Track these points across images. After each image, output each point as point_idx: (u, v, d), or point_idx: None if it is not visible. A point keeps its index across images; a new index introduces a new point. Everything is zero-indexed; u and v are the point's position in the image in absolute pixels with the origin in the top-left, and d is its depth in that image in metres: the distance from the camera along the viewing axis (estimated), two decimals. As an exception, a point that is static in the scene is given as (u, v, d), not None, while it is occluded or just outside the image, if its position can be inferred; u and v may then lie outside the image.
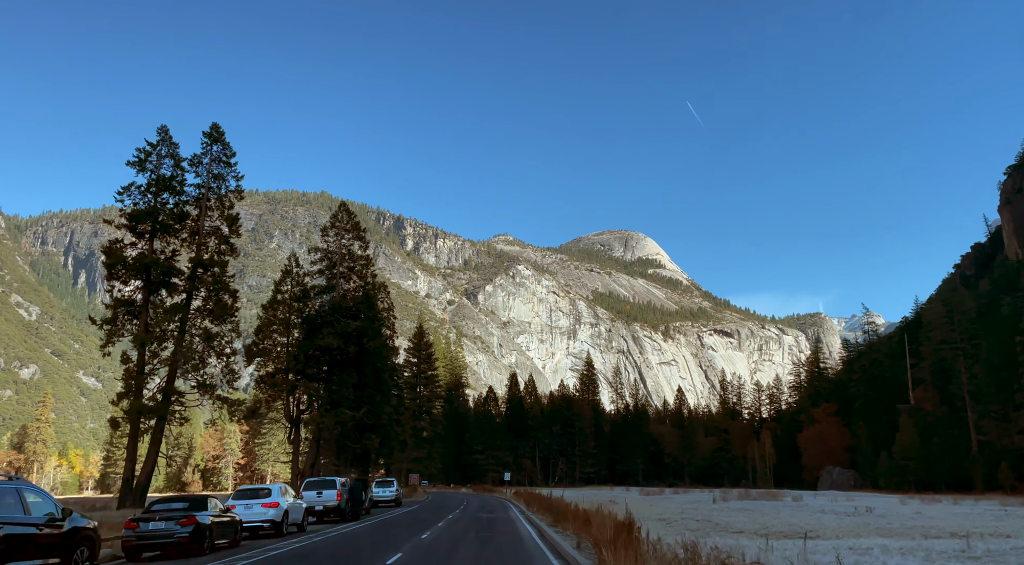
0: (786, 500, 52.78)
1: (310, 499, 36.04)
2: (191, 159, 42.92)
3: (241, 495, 29.76)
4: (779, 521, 27.98)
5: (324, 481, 38.03)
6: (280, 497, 29.49)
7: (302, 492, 36.79)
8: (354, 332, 53.25)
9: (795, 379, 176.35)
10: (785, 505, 45.65)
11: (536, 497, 44.26)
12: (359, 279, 60.27)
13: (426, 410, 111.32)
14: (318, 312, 55.66)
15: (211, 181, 43.08)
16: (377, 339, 55.81)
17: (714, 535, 20.56)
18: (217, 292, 40.62)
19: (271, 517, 28.78)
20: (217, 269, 41.12)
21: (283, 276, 54.89)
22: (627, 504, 32.18)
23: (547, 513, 34.12)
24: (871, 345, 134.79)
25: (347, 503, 37.18)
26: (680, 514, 31.82)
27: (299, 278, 55.47)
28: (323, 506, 36.25)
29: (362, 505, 39.74)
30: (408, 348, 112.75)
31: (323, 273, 60.81)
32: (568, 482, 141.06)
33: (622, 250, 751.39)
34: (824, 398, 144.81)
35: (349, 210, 62.05)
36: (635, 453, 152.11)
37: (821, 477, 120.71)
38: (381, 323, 61.32)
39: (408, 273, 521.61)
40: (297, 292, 53.84)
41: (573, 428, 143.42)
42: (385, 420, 57.79)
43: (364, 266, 62.42)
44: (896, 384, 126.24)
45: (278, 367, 50.14)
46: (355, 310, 54.68)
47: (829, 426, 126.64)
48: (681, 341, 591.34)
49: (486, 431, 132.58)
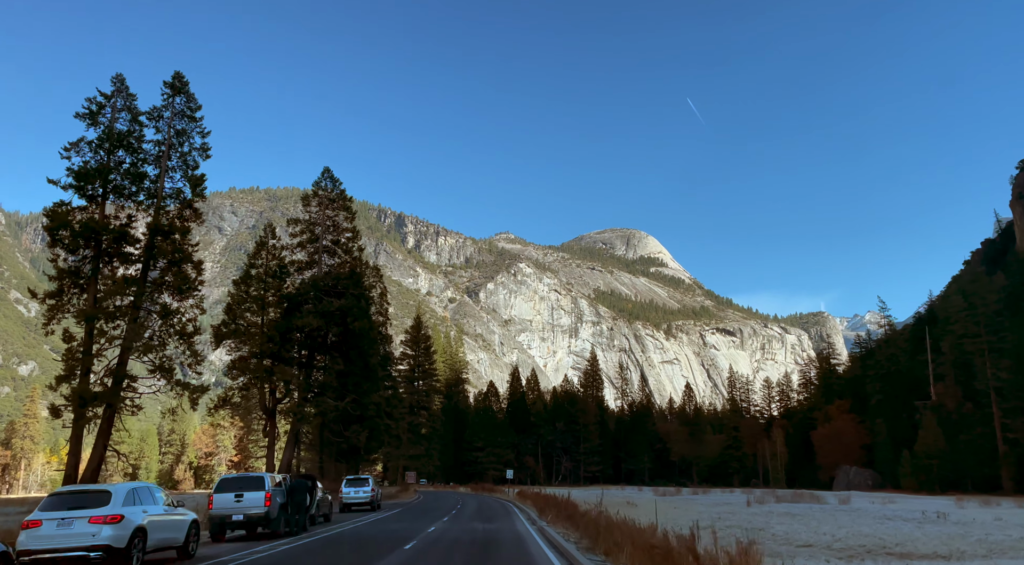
0: (831, 502, 46.93)
1: (223, 505, 26.59)
2: (150, 112, 37.59)
3: (51, 505, 17.85)
4: (848, 531, 22.83)
5: (246, 479, 27.81)
6: (125, 505, 17.86)
7: (213, 494, 27.19)
8: (337, 311, 47.64)
9: (803, 376, 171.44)
10: (834, 509, 40.00)
11: (548, 500, 35.98)
12: (345, 254, 54.19)
13: (424, 405, 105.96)
14: (297, 290, 50.14)
15: (173, 137, 37.68)
16: (363, 320, 49.98)
17: (806, 559, 15.21)
18: (178, 263, 35.27)
19: (103, 541, 16.90)
20: (178, 236, 35.80)
21: (257, 249, 48.89)
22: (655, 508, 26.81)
23: (569, 525, 24.25)
24: (887, 340, 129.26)
25: (282, 510, 27.79)
26: (720, 521, 26.52)
27: (275, 252, 49.64)
28: (244, 515, 26.45)
29: (306, 512, 29.71)
30: (405, 340, 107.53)
31: (304, 247, 54.68)
32: (572, 481, 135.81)
33: (624, 248, 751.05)
34: (838, 395, 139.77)
35: (334, 176, 55.64)
36: (641, 451, 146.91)
37: (837, 477, 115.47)
38: (369, 302, 55.20)
39: (409, 271, 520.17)
40: (273, 266, 48.00)
41: (577, 424, 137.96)
42: (373, 411, 51.90)
43: (350, 239, 56.19)
44: (914, 380, 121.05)
45: (252, 351, 44.64)
46: (339, 287, 49.07)
47: (844, 424, 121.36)
48: (683, 340, 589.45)
49: (487, 427, 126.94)
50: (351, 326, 48.87)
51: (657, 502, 41.83)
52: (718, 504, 45.58)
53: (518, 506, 47.00)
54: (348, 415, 48.97)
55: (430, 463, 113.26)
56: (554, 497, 36.61)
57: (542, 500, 38.14)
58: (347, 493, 43.69)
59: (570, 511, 24.88)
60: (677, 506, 40.84)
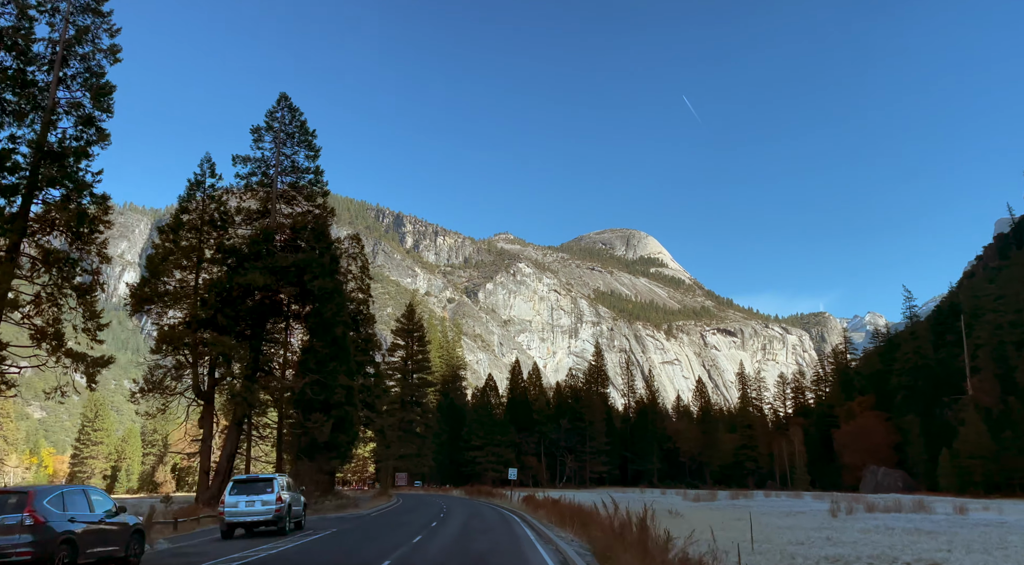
0: (940, 511, 37.48)
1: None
2: (39, 3, 28.96)
3: None
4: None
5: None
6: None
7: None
8: (292, 267, 38.03)
9: (816, 373, 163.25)
10: (962, 521, 30.45)
11: (573, 513, 25.39)
12: (306, 201, 43.78)
13: (417, 400, 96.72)
14: (245, 243, 40.11)
15: (72, 38, 29.08)
16: (326, 278, 39.94)
17: None
18: (77, 194, 26.76)
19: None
20: (73, 159, 27.31)
21: (190, 190, 38.43)
22: (716, 522, 17.92)
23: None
24: (913, 331, 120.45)
25: None
26: (823, 539, 18.06)
27: (215, 194, 39.40)
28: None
29: None
30: (397, 329, 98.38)
31: (254, 193, 43.64)
32: (577, 482, 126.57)
33: (624, 249, 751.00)
34: (858, 391, 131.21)
35: (292, 105, 45.03)
36: (649, 451, 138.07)
37: (864, 478, 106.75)
38: (336, 261, 44.08)
39: (407, 270, 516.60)
40: (212, 212, 38.30)
41: (583, 422, 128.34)
42: (341, 397, 42.28)
43: (313, 183, 44.70)
44: (943, 374, 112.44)
45: (183, 318, 35.52)
46: (297, 241, 39.46)
47: (869, 421, 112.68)
48: (684, 340, 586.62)
49: (485, 424, 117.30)
50: (310, 286, 39.02)
51: (707, 512, 32.67)
52: (789, 513, 36.03)
53: (527, 520, 33.84)
54: (307, 401, 39.76)
55: (423, 463, 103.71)
56: (580, 508, 26.16)
57: (563, 513, 27.01)
58: (232, 505, 28.01)
59: (633, 536, 14.65)
60: (739, 517, 31.60)
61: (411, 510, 48.06)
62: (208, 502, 35.00)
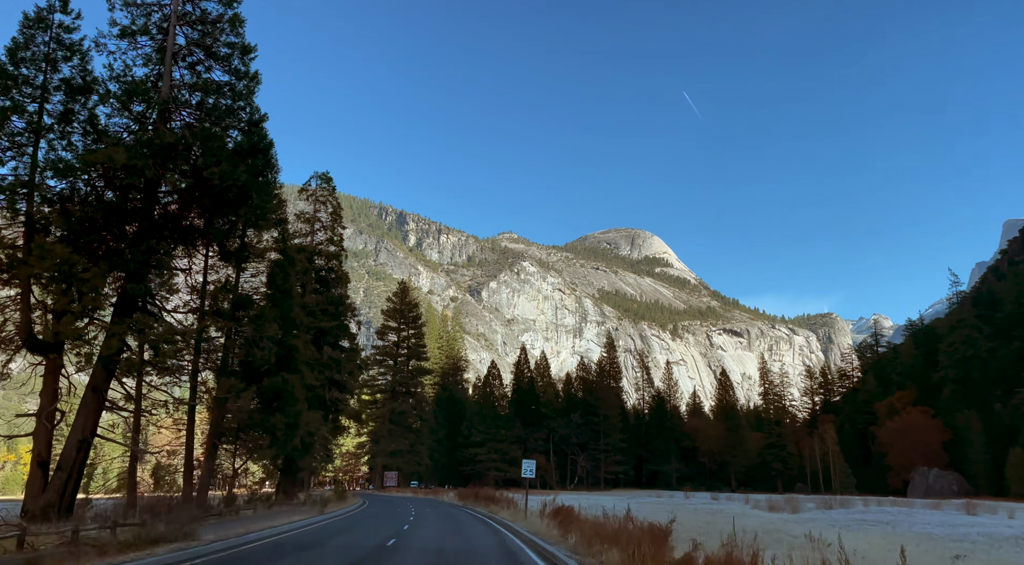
0: None
1: None
2: None
3: None
4: None
5: None
6: None
7: None
8: (182, 146, 24.19)
9: (841, 369, 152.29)
10: None
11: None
12: (220, 65, 29.12)
13: (409, 389, 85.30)
14: None
15: None
16: (236, 167, 25.27)
17: None
18: None
19: None
20: None
21: (27, 27, 24.68)
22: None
23: None
24: (960, 319, 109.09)
25: None
26: None
27: (72, 45, 25.28)
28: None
29: None
30: (387, 310, 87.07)
31: (135, 43, 27.89)
32: (591, 483, 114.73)
33: (629, 248, 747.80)
34: (897, 386, 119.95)
35: None
36: (667, 450, 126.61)
37: (913, 480, 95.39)
38: (265, 140, 28.59)
39: (410, 269, 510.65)
40: (54, 51, 24.64)
41: (596, 416, 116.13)
42: (272, 357, 29.25)
43: (229, 36, 29.46)
44: (997, 366, 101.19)
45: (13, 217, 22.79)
46: (204, 125, 25.89)
47: (915, 417, 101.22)
48: (690, 340, 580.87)
49: (487, 418, 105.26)
50: (209, 176, 24.59)
51: (853, 535, 21.12)
52: (957, 528, 23.94)
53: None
54: (224, 363, 27.90)
55: (418, 461, 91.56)
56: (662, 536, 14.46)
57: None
58: None
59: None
60: (888, 537, 20.22)
61: (356, 525, 30.70)
62: (42, 513, 23.62)
